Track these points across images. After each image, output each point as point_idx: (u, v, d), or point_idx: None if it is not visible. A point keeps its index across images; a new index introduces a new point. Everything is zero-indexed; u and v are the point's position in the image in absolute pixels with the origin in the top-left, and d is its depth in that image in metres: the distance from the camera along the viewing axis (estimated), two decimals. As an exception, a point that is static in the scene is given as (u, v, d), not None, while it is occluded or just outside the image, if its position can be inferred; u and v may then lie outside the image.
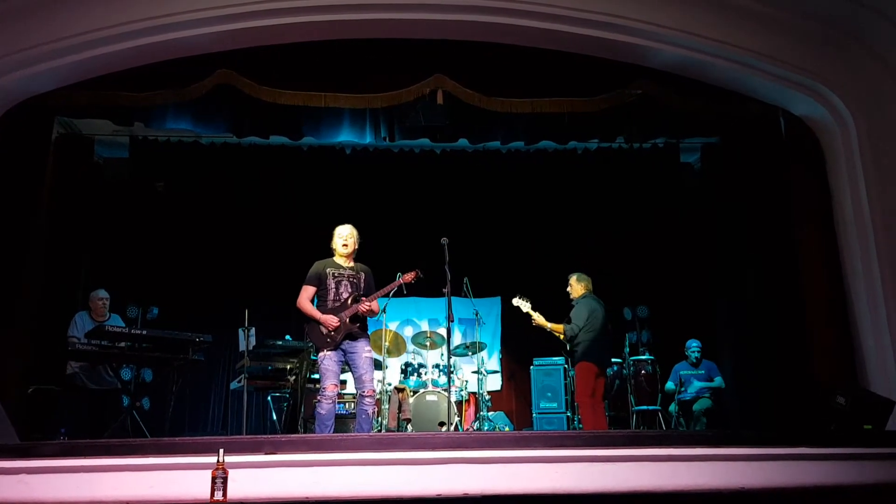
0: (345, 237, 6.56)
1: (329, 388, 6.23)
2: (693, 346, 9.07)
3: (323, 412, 6.20)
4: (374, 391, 6.40)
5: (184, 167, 9.90)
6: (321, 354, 6.34)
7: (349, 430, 7.77)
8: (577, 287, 7.83)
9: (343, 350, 6.39)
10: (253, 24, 7.10)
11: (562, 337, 7.66)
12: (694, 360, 9.02)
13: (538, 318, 7.68)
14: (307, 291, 6.48)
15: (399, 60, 7.63)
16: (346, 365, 6.54)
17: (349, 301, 6.42)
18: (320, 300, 6.48)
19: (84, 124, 9.10)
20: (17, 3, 6.88)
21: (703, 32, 7.28)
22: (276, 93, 7.53)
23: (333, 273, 6.51)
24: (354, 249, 6.61)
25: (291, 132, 8.46)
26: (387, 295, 6.73)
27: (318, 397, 6.31)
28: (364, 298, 6.44)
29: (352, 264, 6.62)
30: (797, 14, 7.30)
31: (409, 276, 6.65)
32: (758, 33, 7.32)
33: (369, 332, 8.94)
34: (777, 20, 7.32)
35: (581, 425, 8.89)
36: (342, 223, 6.79)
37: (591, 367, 7.50)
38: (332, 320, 6.30)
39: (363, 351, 6.41)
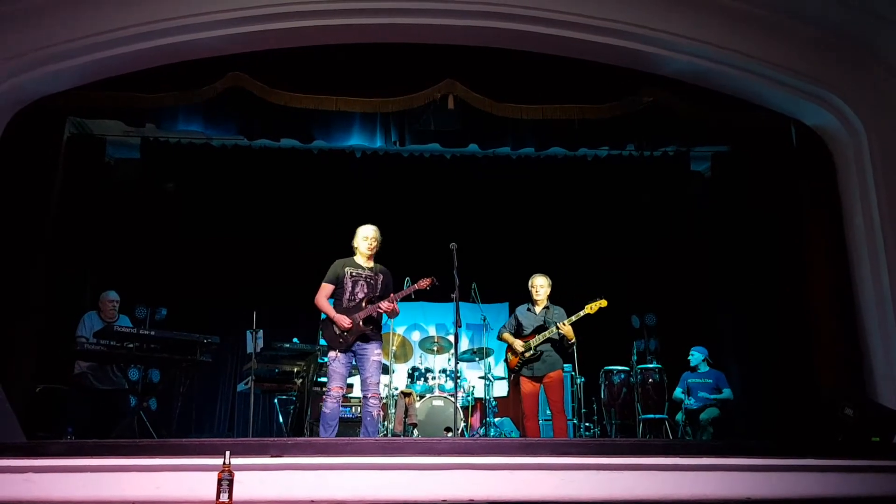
0: (370, 238, 6.59)
1: (334, 389, 6.31)
2: (693, 352, 9.06)
3: (328, 411, 6.28)
4: (378, 394, 6.41)
5: (194, 169, 9.96)
6: (332, 355, 6.39)
7: (355, 433, 7.78)
8: (548, 290, 7.52)
9: (353, 352, 6.43)
10: (265, 27, 7.12)
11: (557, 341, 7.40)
12: (693, 365, 9.02)
13: (568, 328, 7.27)
14: (325, 289, 6.53)
15: (410, 65, 7.64)
16: (355, 367, 6.59)
17: (364, 303, 6.45)
18: (336, 299, 6.51)
19: (96, 125, 9.16)
20: (30, 4, 6.92)
21: (714, 41, 7.28)
22: (287, 96, 7.53)
23: (352, 273, 6.54)
24: (375, 249, 6.64)
25: (302, 135, 8.48)
26: (405, 298, 6.77)
27: (324, 397, 6.39)
28: (394, 294, 6.48)
29: (371, 264, 6.65)
30: (809, 24, 7.29)
31: (424, 283, 6.62)
32: (769, 43, 7.31)
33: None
34: (789, 30, 7.31)
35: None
36: (351, 226, 6.82)
37: None
38: (344, 321, 6.32)
39: (373, 354, 6.43)
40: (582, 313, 7.24)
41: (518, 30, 7.28)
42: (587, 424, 9.03)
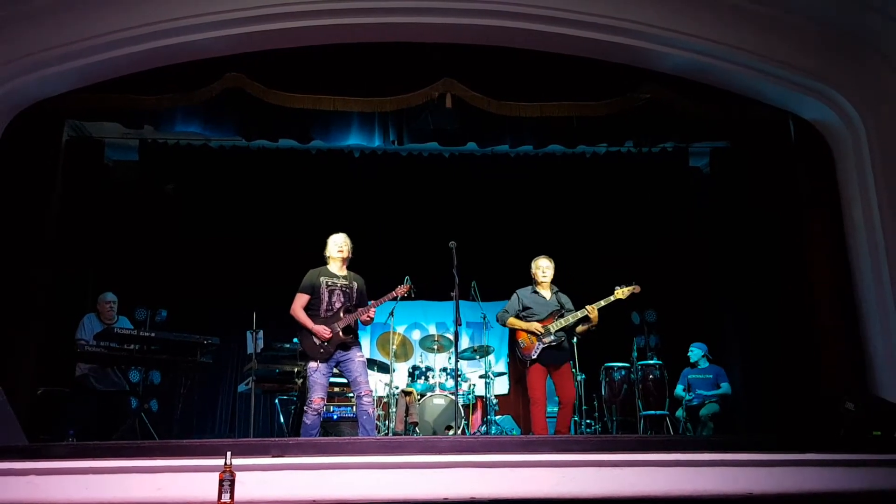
0: (340, 244, 6.64)
1: (315, 401, 6.30)
2: (693, 348, 9.07)
3: (308, 422, 6.30)
4: (370, 391, 6.45)
5: (193, 170, 9.99)
6: (312, 366, 6.39)
7: (356, 432, 7.77)
8: (551, 273, 7.26)
9: (335, 360, 6.47)
10: (263, 27, 7.12)
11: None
12: (693, 362, 9.07)
13: (596, 313, 6.97)
14: (301, 299, 6.53)
15: (408, 64, 7.64)
16: (339, 372, 6.65)
17: (341, 312, 6.47)
18: (312, 309, 6.51)
19: (94, 127, 9.17)
20: (29, 8, 6.93)
21: (713, 36, 7.28)
22: (285, 96, 7.54)
23: (327, 282, 6.57)
24: (348, 257, 6.68)
25: (300, 136, 8.49)
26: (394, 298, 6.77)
27: (305, 408, 6.39)
28: (361, 309, 6.51)
29: (345, 273, 6.68)
30: (807, 18, 7.29)
31: (401, 290, 6.68)
32: (768, 37, 7.31)
33: (377, 335, 9.06)
34: (787, 24, 7.31)
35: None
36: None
37: None
38: (325, 332, 6.35)
39: (356, 356, 6.48)
40: (612, 298, 7.00)
41: (516, 28, 7.29)
42: (588, 421, 9.03)
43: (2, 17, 6.90)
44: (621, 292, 7.04)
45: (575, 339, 7.35)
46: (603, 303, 6.99)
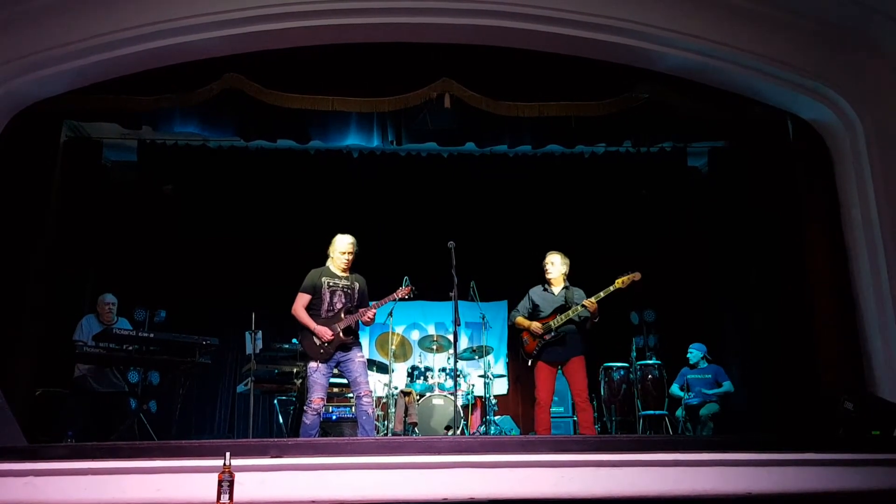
0: (346, 252, 6.61)
1: (315, 401, 6.31)
2: (692, 349, 9.07)
3: (308, 422, 6.31)
4: (370, 391, 6.47)
5: (191, 171, 9.97)
6: (312, 366, 6.40)
7: (356, 433, 7.77)
8: (562, 268, 7.25)
9: (335, 360, 6.48)
10: (262, 27, 7.10)
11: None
12: (692, 363, 9.07)
13: (595, 306, 6.93)
14: (302, 299, 6.54)
15: (407, 64, 7.63)
16: (339, 372, 6.67)
17: (342, 313, 6.48)
18: (314, 309, 6.52)
19: (92, 128, 9.16)
20: (27, 8, 6.91)
21: (711, 36, 7.27)
22: (284, 96, 7.53)
23: (329, 283, 6.57)
24: (351, 262, 6.67)
25: (299, 136, 8.49)
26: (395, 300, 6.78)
27: (305, 408, 6.40)
28: (362, 309, 6.52)
29: (347, 273, 6.68)
30: (806, 18, 7.28)
31: (402, 293, 6.70)
32: (766, 37, 7.30)
33: (376, 335, 9.06)
34: (786, 24, 7.31)
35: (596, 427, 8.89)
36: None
37: None
38: (326, 333, 6.36)
39: (356, 357, 6.50)
40: (612, 288, 6.93)
41: (514, 28, 7.28)
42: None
43: (1, 18, 6.89)
44: (621, 281, 6.98)
45: (591, 329, 7.24)
46: (603, 294, 6.95)
